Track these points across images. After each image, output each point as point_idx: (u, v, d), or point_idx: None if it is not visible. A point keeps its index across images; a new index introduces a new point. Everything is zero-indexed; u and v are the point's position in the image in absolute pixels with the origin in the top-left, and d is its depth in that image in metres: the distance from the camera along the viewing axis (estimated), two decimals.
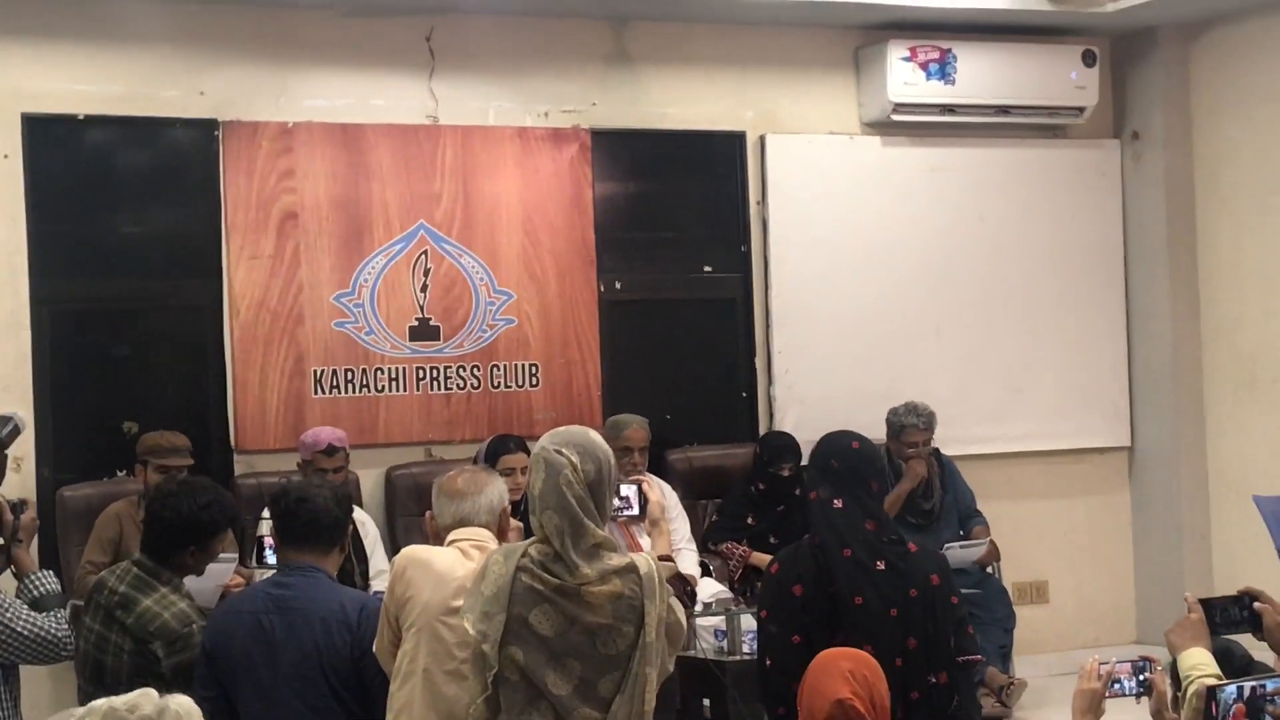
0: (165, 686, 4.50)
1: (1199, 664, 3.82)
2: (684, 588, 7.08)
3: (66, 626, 4.88)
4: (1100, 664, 4.36)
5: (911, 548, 4.67)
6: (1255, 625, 3.99)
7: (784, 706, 4.53)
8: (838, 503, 4.67)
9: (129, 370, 7.89)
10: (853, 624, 4.59)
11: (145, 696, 2.59)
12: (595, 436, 4.09)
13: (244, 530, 6.36)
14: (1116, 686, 4.35)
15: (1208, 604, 3.99)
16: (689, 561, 7.65)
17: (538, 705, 3.93)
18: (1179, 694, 3.93)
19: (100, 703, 2.58)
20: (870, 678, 4.05)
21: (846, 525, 4.65)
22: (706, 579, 7.68)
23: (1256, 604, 3.97)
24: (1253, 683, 3.56)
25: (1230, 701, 3.48)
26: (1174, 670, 3.98)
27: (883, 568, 4.59)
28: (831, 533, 4.69)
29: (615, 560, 3.97)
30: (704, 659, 6.75)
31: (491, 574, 3.95)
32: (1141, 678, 4.36)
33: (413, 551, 4.44)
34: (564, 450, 3.97)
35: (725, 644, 7.04)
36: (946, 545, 8.02)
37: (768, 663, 4.71)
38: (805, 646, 4.44)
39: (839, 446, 4.74)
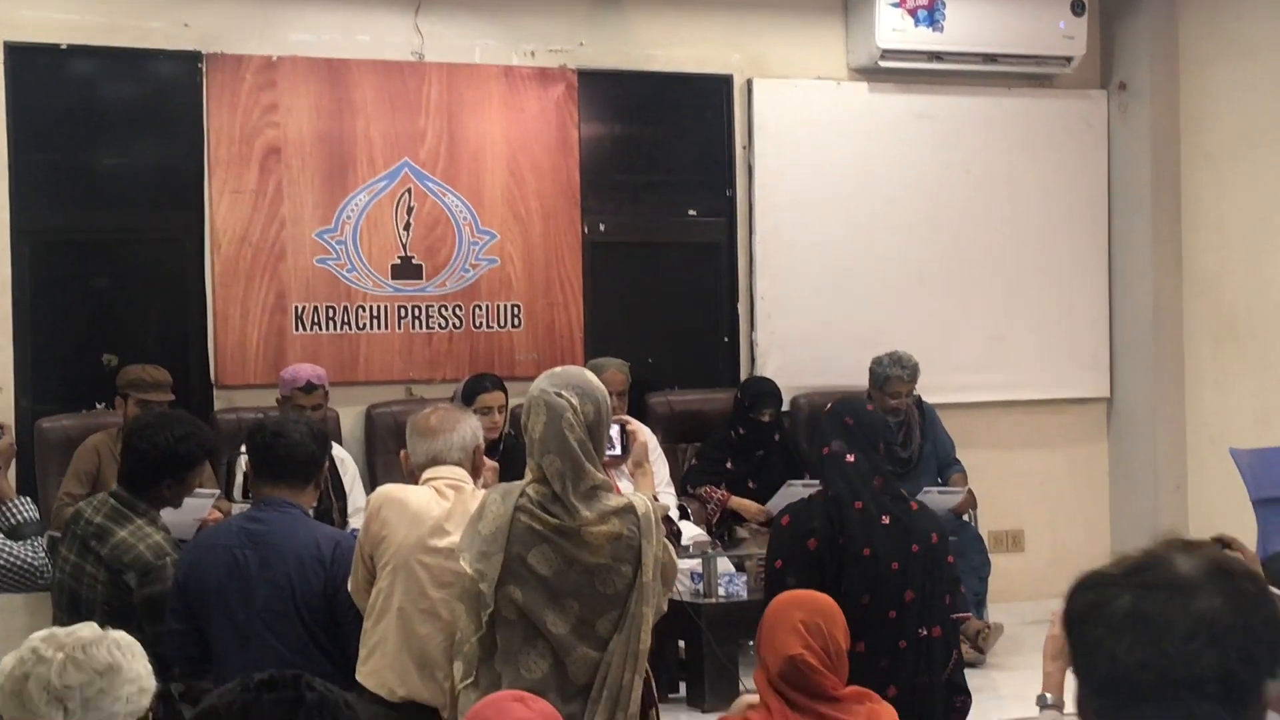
0: (139, 617, 4.53)
1: None
2: (671, 528, 7.12)
3: (43, 555, 4.88)
4: None
5: (913, 505, 4.72)
6: None
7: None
8: (850, 457, 4.75)
9: (109, 302, 7.88)
10: (858, 575, 4.66)
11: (87, 626, 2.67)
12: (592, 377, 4.10)
13: (226, 465, 6.36)
14: None
15: None
16: (667, 505, 7.67)
17: (535, 644, 3.95)
18: None
19: (42, 631, 2.63)
20: (824, 625, 4.07)
21: (859, 479, 4.73)
22: (684, 522, 7.71)
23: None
24: None
25: None
26: None
27: (887, 522, 4.66)
28: (846, 485, 4.78)
29: (613, 501, 3.99)
30: (680, 601, 6.79)
31: (489, 514, 3.97)
32: None
33: (388, 490, 4.45)
34: (564, 393, 3.98)
35: (701, 586, 7.09)
36: (924, 491, 8.05)
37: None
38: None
39: (853, 406, 4.86)
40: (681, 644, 7.08)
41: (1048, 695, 4.39)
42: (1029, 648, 8.35)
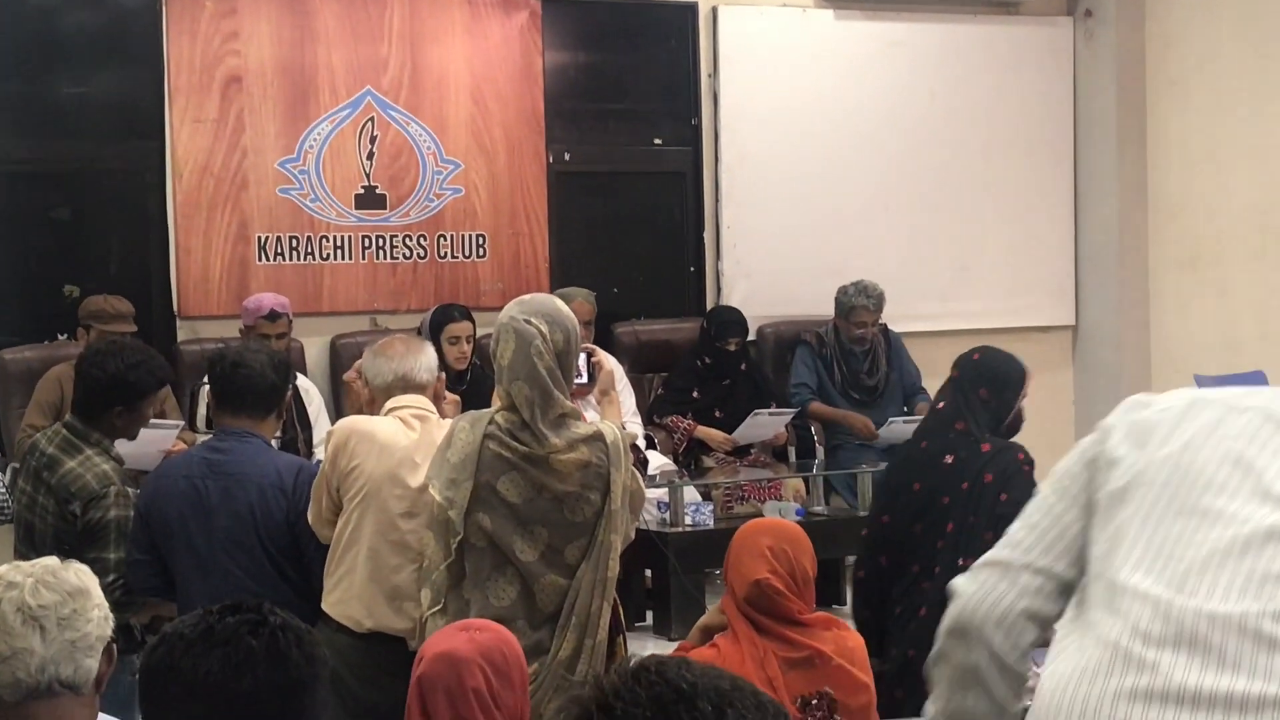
0: (80, 546, 4.48)
1: None
2: (639, 456, 7.13)
3: (3, 489, 4.85)
4: None
5: (985, 448, 4.83)
6: None
7: (863, 570, 4.96)
8: (940, 405, 5.01)
9: (70, 233, 7.82)
10: (906, 505, 4.82)
11: (48, 558, 2.68)
12: (562, 305, 4.09)
13: (189, 395, 6.33)
14: None
15: None
16: (635, 433, 7.67)
17: (504, 571, 3.96)
18: None
19: (2, 565, 2.63)
20: (790, 551, 4.09)
21: (935, 423, 4.95)
22: (651, 451, 7.71)
23: None
24: None
25: None
26: None
27: (950, 461, 4.77)
28: (921, 428, 5.14)
29: (582, 429, 3.99)
30: (647, 530, 6.80)
31: (458, 442, 3.96)
32: None
33: (353, 422, 4.41)
34: (533, 320, 3.97)
35: (668, 515, 7.10)
36: (889, 421, 8.07)
37: (864, 532, 5.10)
38: (889, 525, 4.85)
39: (964, 360, 5.08)
40: (648, 573, 7.10)
41: None
42: None
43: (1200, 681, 1.92)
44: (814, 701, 3.96)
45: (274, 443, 5.04)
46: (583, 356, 4.28)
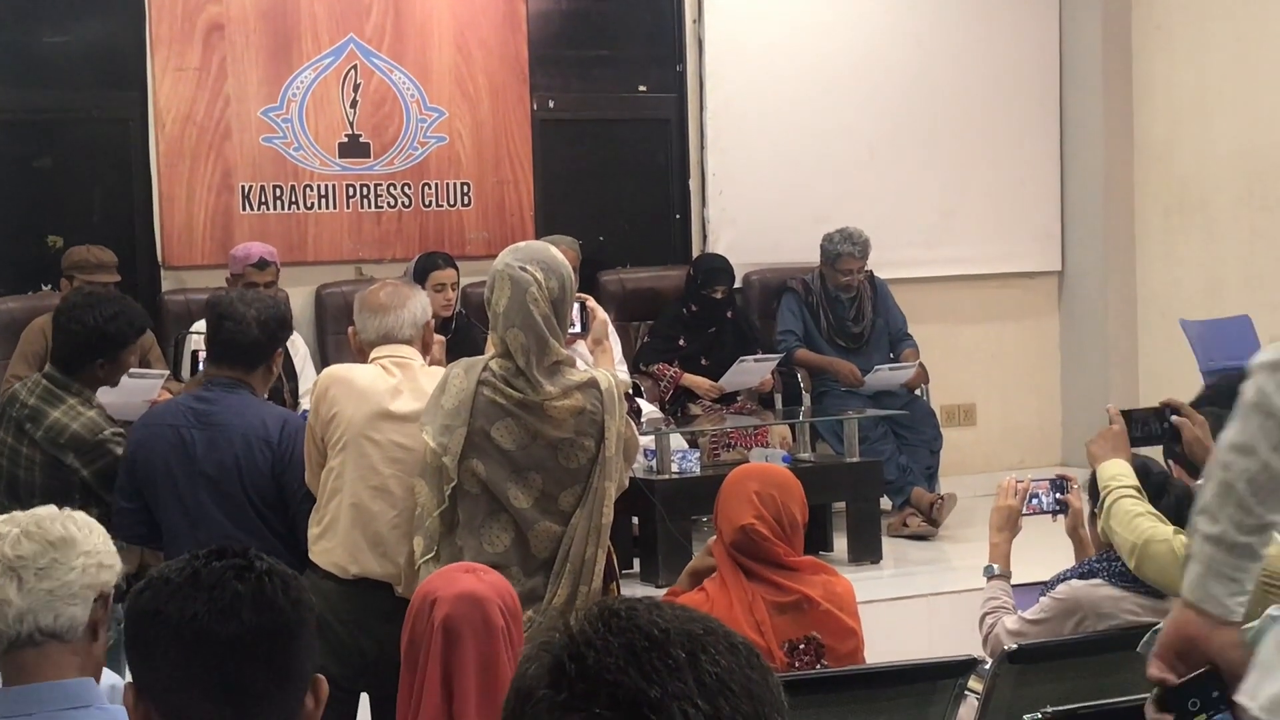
0: (88, 496, 4.50)
1: (1118, 474, 3.85)
2: (632, 405, 7.13)
3: None
4: (1017, 482, 4.42)
5: None
6: (1174, 438, 4.02)
7: None
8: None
9: (53, 183, 7.78)
10: None
11: (47, 508, 2.72)
12: (556, 252, 4.09)
13: (175, 344, 6.31)
14: (1035, 502, 4.42)
15: (1128, 416, 4.01)
16: (628, 381, 7.67)
17: (498, 518, 3.97)
18: (1096, 509, 3.97)
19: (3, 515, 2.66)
20: (778, 495, 4.10)
21: None
22: (638, 399, 7.71)
23: (1175, 417, 4.00)
24: None
25: None
26: (1092, 485, 4.03)
27: None
28: None
29: (576, 376, 4.00)
30: (634, 478, 6.80)
31: (452, 388, 3.97)
32: (1058, 495, 4.42)
33: (334, 371, 4.44)
34: (528, 267, 3.97)
35: (655, 463, 7.10)
36: (876, 367, 8.07)
37: None
38: None
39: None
40: (635, 520, 7.10)
41: (994, 565, 4.44)
42: (979, 519, 8.41)
43: None
44: (801, 646, 3.97)
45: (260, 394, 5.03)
46: (576, 305, 4.29)
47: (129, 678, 2.12)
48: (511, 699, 1.48)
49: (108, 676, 2.78)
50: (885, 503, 7.87)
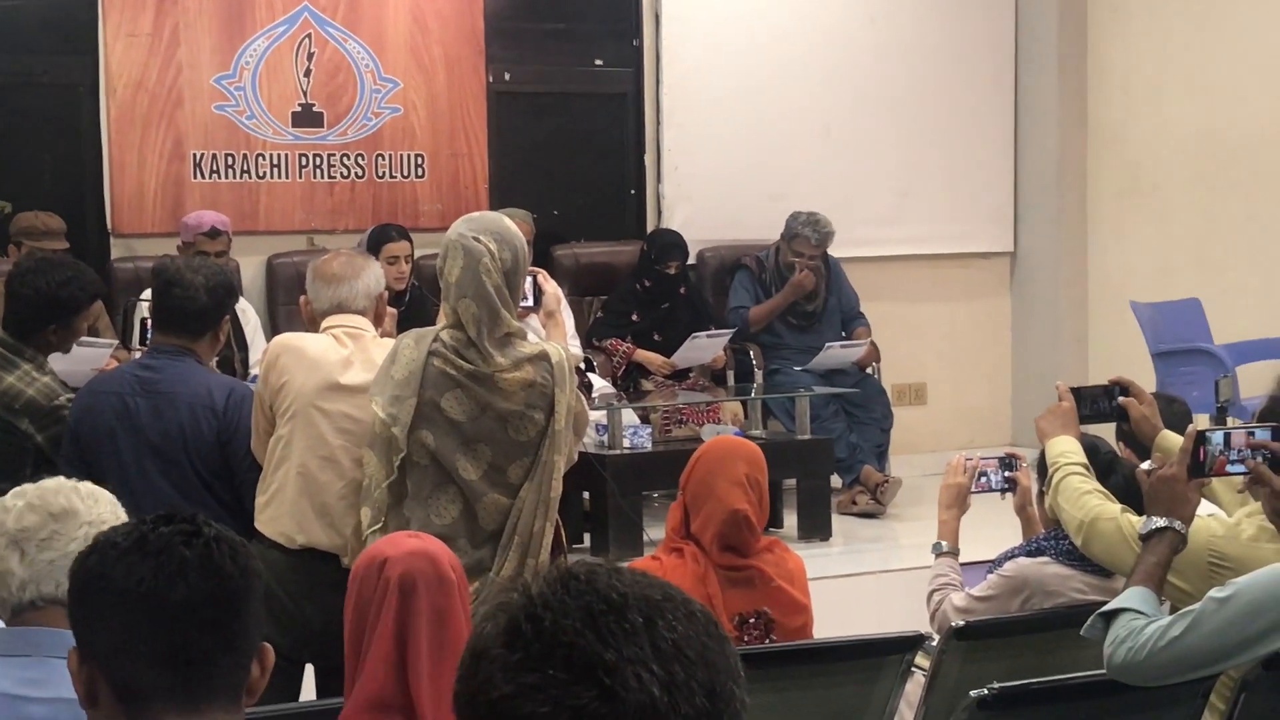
0: (41, 462, 4.47)
1: (1066, 451, 3.86)
2: (583, 379, 7.13)
3: None
4: (966, 459, 4.43)
5: None
6: (1123, 416, 4.04)
7: None
8: None
9: (1, 148, 7.70)
10: None
11: (55, 480, 2.79)
12: (510, 224, 4.07)
13: (123, 312, 6.27)
14: (983, 480, 4.43)
15: (1078, 393, 4.02)
16: (580, 355, 7.66)
17: (446, 490, 3.96)
18: (1044, 488, 3.99)
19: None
20: (761, 480, 4.10)
21: None
22: (590, 374, 7.70)
23: (1123, 397, 4.02)
24: (1242, 429, 3.56)
25: (1217, 451, 3.48)
26: (1040, 463, 4.04)
27: None
28: None
29: (527, 348, 3.99)
30: (585, 453, 6.79)
31: (402, 358, 3.95)
32: (1006, 474, 4.44)
33: (285, 339, 4.40)
34: (482, 237, 3.96)
35: (606, 438, 7.10)
36: (827, 345, 8.08)
37: None
38: None
39: None
40: (586, 495, 7.10)
41: (943, 542, 4.45)
42: (928, 499, 8.43)
43: None
44: (751, 620, 3.98)
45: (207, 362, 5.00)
46: (528, 279, 4.27)
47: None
48: (467, 658, 1.48)
49: None
50: (835, 480, 7.89)
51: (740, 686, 1.48)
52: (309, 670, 4.35)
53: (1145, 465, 3.64)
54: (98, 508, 2.73)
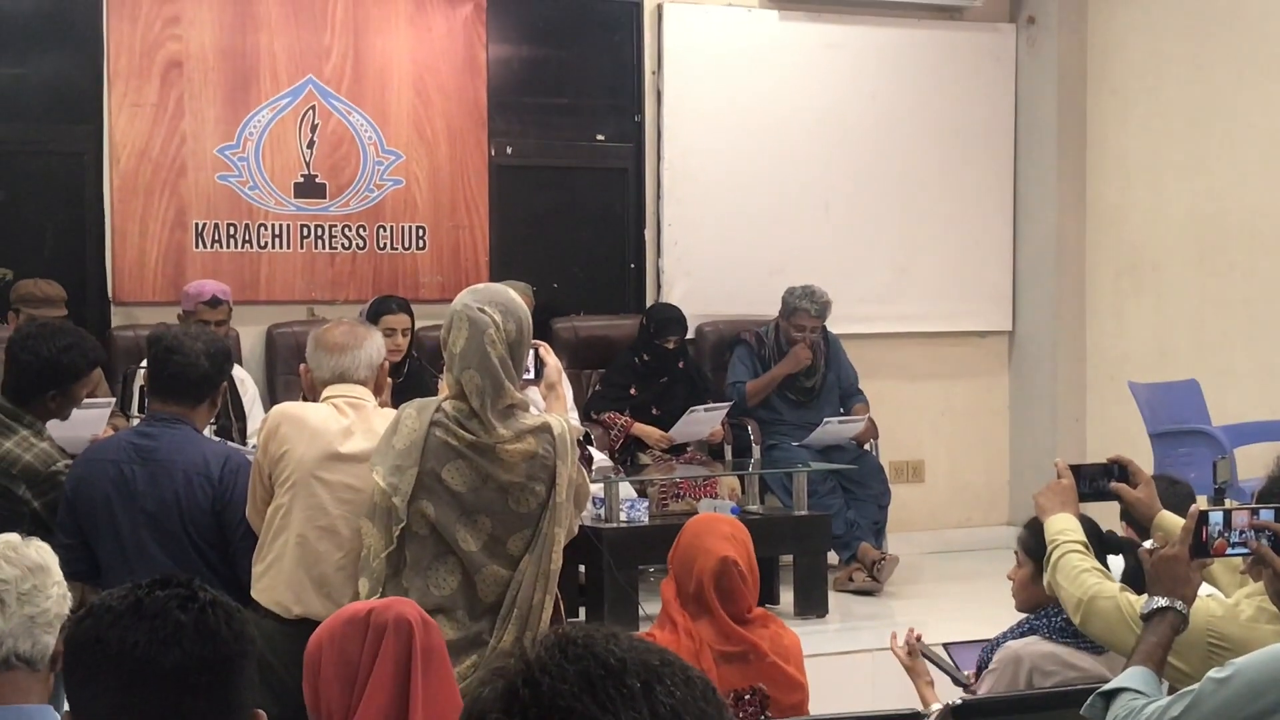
0: (37, 528, 4.46)
1: (1065, 529, 3.85)
2: (584, 452, 7.13)
3: None
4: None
5: None
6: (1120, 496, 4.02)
7: None
8: None
9: (4, 216, 7.72)
10: None
11: (10, 535, 2.71)
12: (515, 295, 4.09)
13: (122, 379, 6.26)
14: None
15: (1077, 471, 4.00)
16: (581, 428, 7.65)
17: (445, 561, 3.95)
18: (1043, 565, 3.96)
19: None
20: (747, 542, 4.10)
21: None
22: (589, 447, 7.69)
23: (1113, 484, 3.99)
24: (1244, 509, 3.54)
25: (1216, 532, 3.46)
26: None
27: None
28: None
29: (529, 420, 3.99)
30: (582, 526, 6.77)
31: (404, 428, 3.95)
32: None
33: (285, 408, 4.41)
34: (487, 309, 3.97)
35: (603, 512, 7.08)
36: (825, 420, 8.08)
37: None
38: None
39: None
40: (582, 568, 7.07)
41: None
42: (926, 577, 8.45)
43: None
44: (747, 696, 3.96)
45: (208, 431, 5.00)
46: (531, 352, 4.28)
47: (66, 707, 2.09)
48: None
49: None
50: (832, 557, 7.87)
51: None
52: None
53: (1147, 545, 3.63)
54: (57, 569, 2.69)
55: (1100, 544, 3.90)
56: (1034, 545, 4.10)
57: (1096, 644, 3.89)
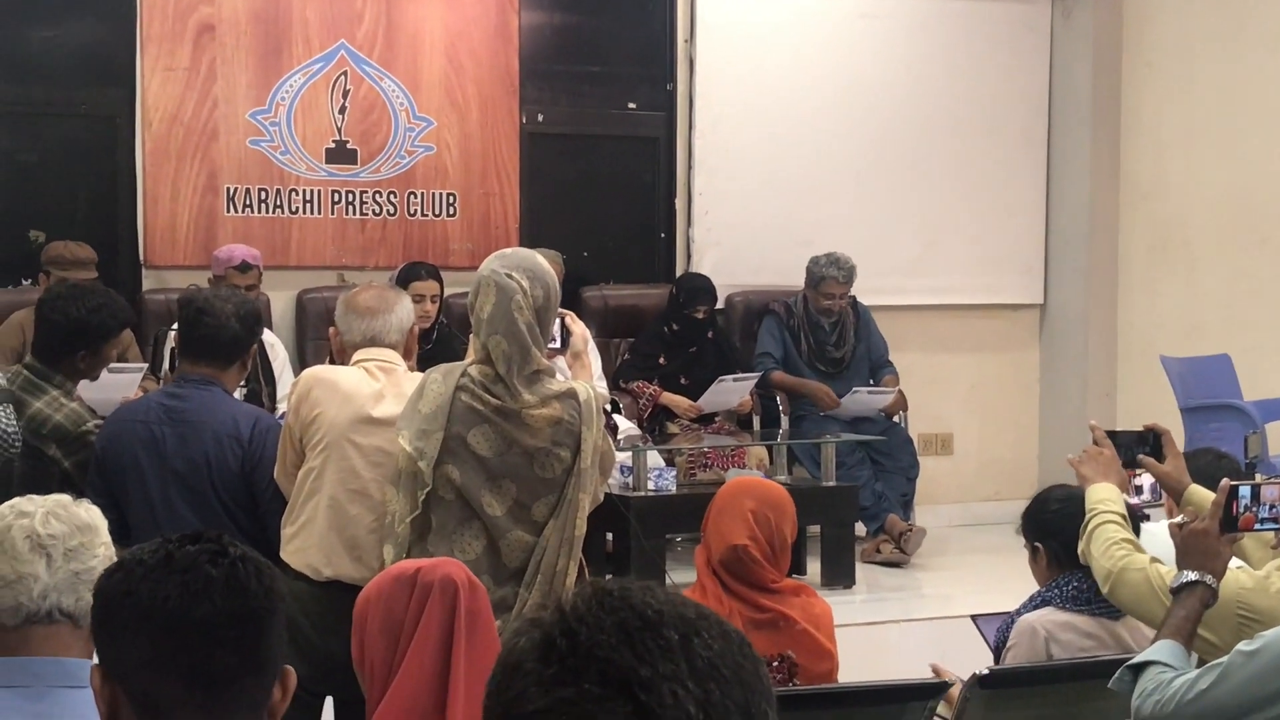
0: (67, 488, 4.49)
1: (1105, 499, 3.83)
2: (610, 421, 7.13)
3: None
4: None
5: None
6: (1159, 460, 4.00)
7: None
8: None
9: (37, 178, 7.74)
10: None
11: (59, 495, 2.72)
12: (542, 261, 4.09)
13: (154, 341, 6.29)
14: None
15: (1114, 438, 3.98)
16: (607, 395, 7.65)
17: (470, 525, 3.96)
18: (1080, 530, 3.94)
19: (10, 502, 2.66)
20: (773, 517, 4.09)
21: None
22: (616, 416, 7.69)
23: (1142, 456, 3.98)
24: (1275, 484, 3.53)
25: (1244, 506, 3.46)
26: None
27: None
28: None
29: (555, 385, 3.99)
30: (609, 494, 6.77)
31: (430, 392, 3.95)
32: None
33: (316, 372, 4.41)
34: (514, 274, 3.96)
35: (631, 480, 7.09)
36: (854, 389, 8.07)
37: None
38: None
39: None
40: (609, 536, 7.09)
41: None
42: (953, 550, 8.44)
43: None
44: (775, 663, 3.96)
45: (238, 394, 5.01)
46: (556, 321, 4.28)
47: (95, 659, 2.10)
48: (499, 671, 1.46)
49: None
50: (860, 528, 7.86)
51: (773, 708, 1.47)
52: (328, 703, 4.33)
53: (1177, 519, 3.62)
54: (105, 529, 2.71)
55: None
56: (1032, 529, 4.13)
57: (1112, 609, 3.87)
